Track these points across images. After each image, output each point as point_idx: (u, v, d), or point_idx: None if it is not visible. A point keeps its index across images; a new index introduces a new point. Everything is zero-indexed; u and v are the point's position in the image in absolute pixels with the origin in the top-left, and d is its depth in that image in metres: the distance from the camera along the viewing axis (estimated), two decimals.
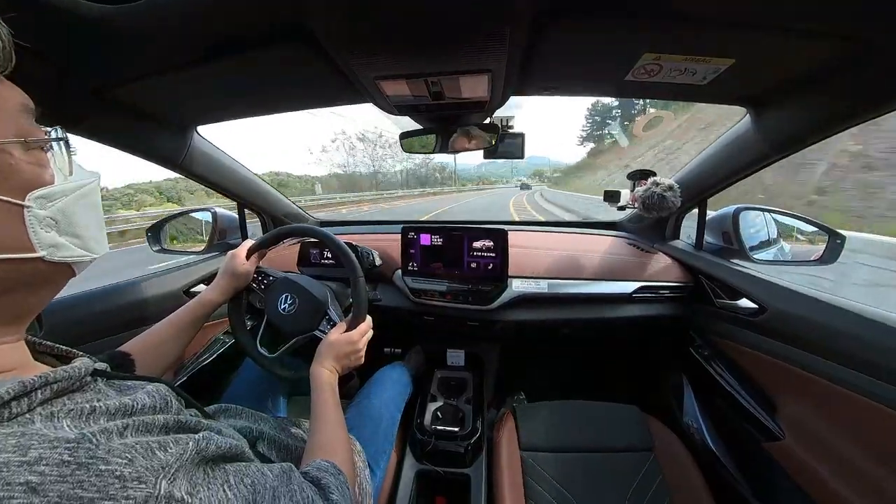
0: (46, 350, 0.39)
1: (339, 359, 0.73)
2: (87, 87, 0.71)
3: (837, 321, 0.73)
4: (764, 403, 0.91)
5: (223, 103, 0.92)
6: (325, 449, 0.55)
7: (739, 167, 0.96)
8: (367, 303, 0.81)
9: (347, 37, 0.57)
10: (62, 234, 0.33)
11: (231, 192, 1.28)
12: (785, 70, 0.68)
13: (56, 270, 0.33)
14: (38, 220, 0.30)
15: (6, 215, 0.29)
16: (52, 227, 0.32)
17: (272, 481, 0.36)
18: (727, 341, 1.03)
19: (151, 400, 0.34)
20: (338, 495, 0.43)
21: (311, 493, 0.40)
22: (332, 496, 0.42)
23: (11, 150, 0.29)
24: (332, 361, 0.72)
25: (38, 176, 0.31)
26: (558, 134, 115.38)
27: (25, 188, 0.30)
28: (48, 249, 0.31)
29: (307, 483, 0.42)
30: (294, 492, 0.38)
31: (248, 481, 0.33)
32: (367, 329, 0.80)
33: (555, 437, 1.02)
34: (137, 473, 0.25)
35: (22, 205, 0.30)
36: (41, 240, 0.31)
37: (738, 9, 0.52)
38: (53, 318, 0.83)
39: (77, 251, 0.34)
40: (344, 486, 0.46)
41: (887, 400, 0.64)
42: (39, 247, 0.31)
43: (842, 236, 0.94)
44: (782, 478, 0.84)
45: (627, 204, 1.21)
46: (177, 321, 0.74)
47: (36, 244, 0.30)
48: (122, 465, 0.25)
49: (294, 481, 0.39)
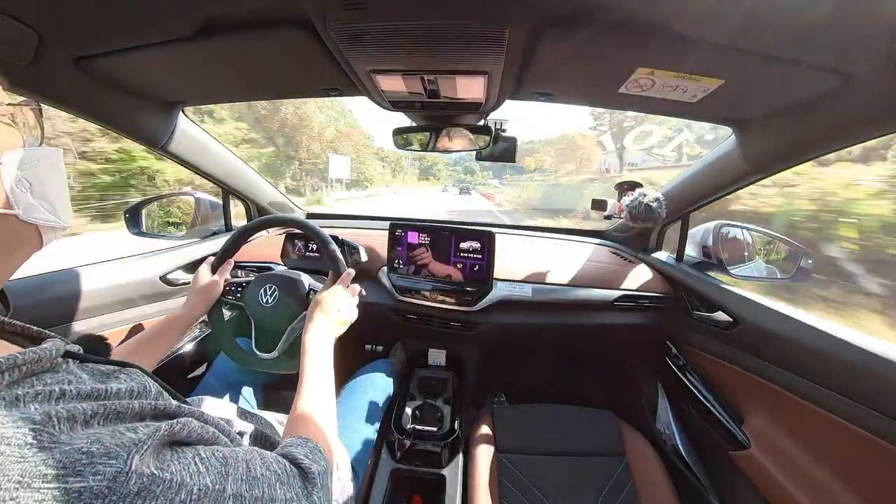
0: (16, 330, 0.37)
1: (328, 314, 0.72)
2: (67, 57, 0.68)
3: (806, 338, 0.76)
4: (733, 413, 0.94)
5: (213, 85, 0.89)
6: (299, 421, 0.54)
7: (722, 185, 0.99)
8: (342, 259, 0.81)
9: (343, 26, 0.56)
10: (35, 197, 0.34)
11: (216, 178, 1.25)
12: (771, 94, 0.70)
13: (28, 232, 0.35)
14: (16, 180, 0.32)
15: None
16: (26, 188, 0.33)
17: (244, 454, 0.35)
18: (702, 352, 1.06)
19: (128, 385, 0.33)
20: (308, 461, 0.42)
21: (285, 462, 0.40)
22: (303, 462, 0.42)
23: None
24: (322, 320, 0.71)
25: (10, 140, 0.33)
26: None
27: (1, 149, 0.32)
28: (24, 207, 0.33)
29: (280, 456, 0.41)
30: (269, 463, 0.37)
31: (219, 454, 0.32)
32: (349, 277, 0.80)
33: (531, 439, 1.03)
34: (106, 450, 0.24)
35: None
36: (17, 197, 0.32)
37: (730, 33, 0.53)
38: (22, 300, 0.79)
39: (48, 215, 0.35)
40: (315, 452, 0.46)
41: (847, 415, 0.67)
42: (15, 204, 0.32)
43: (814, 256, 0.99)
44: (747, 486, 0.87)
45: (614, 213, 1.23)
46: (149, 336, 0.75)
47: (13, 201, 0.32)
48: (90, 444, 0.24)
49: (267, 455, 0.39)
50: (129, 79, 0.81)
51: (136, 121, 0.94)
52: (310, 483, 0.40)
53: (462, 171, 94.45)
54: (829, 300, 2.68)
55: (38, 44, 0.61)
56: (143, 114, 0.93)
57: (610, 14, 0.54)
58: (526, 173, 50.02)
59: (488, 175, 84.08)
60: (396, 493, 0.98)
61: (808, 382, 0.75)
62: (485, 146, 1.01)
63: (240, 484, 0.32)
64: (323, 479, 0.43)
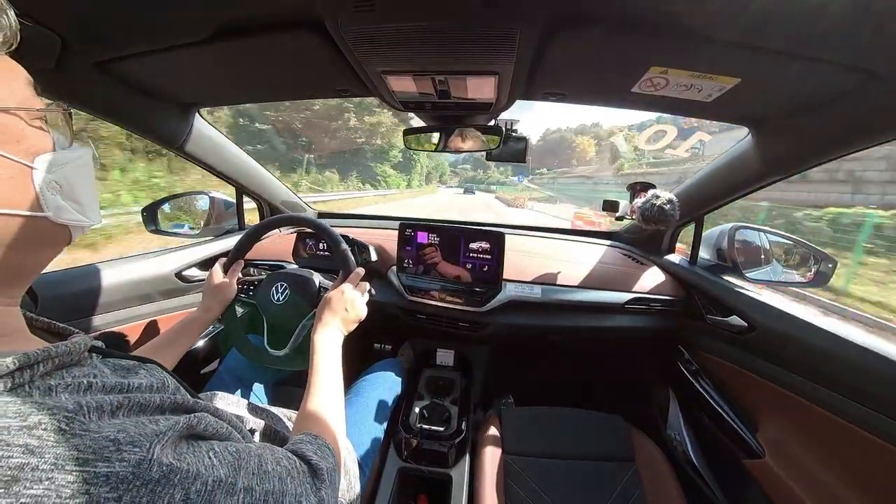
0: (43, 326, 0.39)
1: (337, 312, 0.74)
2: (88, 61, 0.70)
3: (825, 344, 0.74)
4: (747, 421, 0.92)
5: (227, 86, 0.91)
6: (308, 418, 0.56)
7: (738, 186, 0.96)
8: (352, 258, 0.82)
9: (355, 28, 0.57)
10: (65, 198, 0.35)
11: (230, 178, 1.27)
12: (788, 93, 0.69)
13: (58, 232, 0.36)
14: (46, 183, 0.33)
15: (19, 175, 0.32)
16: (56, 190, 0.34)
17: (256, 450, 0.37)
18: (715, 357, 1.03)
19: (148, 380, 0.35)
20: (317, 458, 0.43)
21: (294, 458, 0.41)
22: (312, 459, 0.43)
23: (22, 117, 0.32)
24: (331, 318, 0.72)
25: (42, 143, 0.34)
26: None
27: (33, 153, 0.33)
28: (54, 210, 0.34)
29: (289, 452, 0.42)
30: (280, 459, 0.38)
31: (231, 449, 0.34)
32: (358, 276, 0.81)
33: (539, 442, 1.02)
34: (131, 438, 0.26)
35: (31, 167, 0.32)
36: (48, 201, 0.33)
37: (745, 30, 0.52)
38: (46, 294, 0.82)
39: (77, 216, 0.36)
40: (324, 449, 0.47)
41: (868, 425, 0.65)
42: (46, 207, 0.33)
43: (833, 260, 0.96)
44: (760, 496, 0.85)
45: (626, 214, 1.22)
46: (167, 338, 0.77)
47: (44, 204, 0.33)
48: (117, 432, 0.26)
49: (277, 451, 0.40)
50: (147, 81, 0.83)
51: (153, 122, 0.96)
52: (318, 479, 0.41)
53: (471, 167, 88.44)
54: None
55: (61, 48, 0.63)
56: (161, 115, 0.96)
57: (621, 13, 0.53)
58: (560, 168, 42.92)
59: (508, 171, 76.23)
60: (403, 492, 0.98)
61: (826, 391, 0.72)
62: (495, 146, 1.01)
63: (251, 478, 0.33)
64: (331, 476, 0.44)
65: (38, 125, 0.34)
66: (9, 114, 0.31)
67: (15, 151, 0.31)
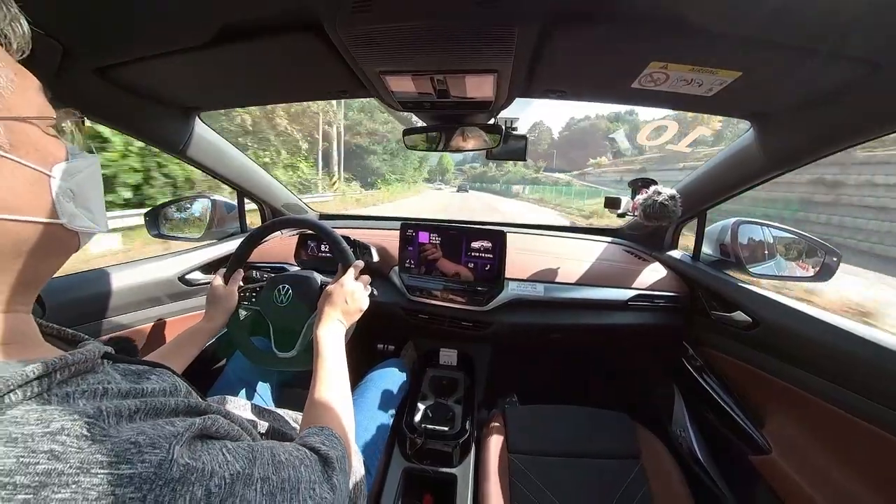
0: (53, 332, 0.40)
1: (338, 305, 0.74)
2: (89, 67, 0.71)
3: (830, 338, 0.74)
4: (753, 417, 0.92)
5: (228, 89, 0.92)
6: (315, 410, 0.57)
7: (740, 180, 0.96)
8: (350, 252, 0.83)
9: (353, 29, 0.57)
10: (77, 206, 0.36)
11: (231, 181, 1.28)
12: (790, 86, 0.68)
13: (70, 239, 0.37)
14: (62, 191, 0.34)
15: (38, 183, 0.32)
16: (70, 198, 0.35)
17: (267, 444, 0.37)
18: (720, 353, 1.03)
19: (161, 384, 0.36)
20: (326, 448, 0.44)
21: (304, 449, 0.42)
22: (321, 449, 0.44)
23: (39, 126, 0.33)
24: (332, 311, 0.73)
25: (58, 152, 0.35)
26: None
27: (51, 162, 0.34)
28: (68, 217, 0.35)
29: (299, 445, 0.43)
30: (290, 451, 0.39)
31: (244, 445, 0.34)
32: (357, 269, 0.81)
33: (543, 440, 1.02)
34: (151, 441, 0.27)
35: (50, 175, 0.33)
36: (63, 208, 0.34)
37: (746, 24, 0.52)
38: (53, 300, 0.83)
39: (88, 223, 0.37)
40: (332, 438, 0.48)
41: (876, 420, 0.64)
42: (62, 214, 0.34)
43: (838, 254, 0.95)
44: (767, 492, 0.84)
45: (627, 211, 1.21)
46: (172, 348, 0.79)
47: (59, 211, 0.34)
48: (136, 435, 0.27)
49: (287, 445, 0.41)
50: (148, 86, 0.84)
51: (155, 127, 0.96)
52: (329, 467, 0.43)
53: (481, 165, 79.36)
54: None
55: (62, 55, 0.63)
56: (162, 120, 0.96)
57: (620, 9, 0.53)
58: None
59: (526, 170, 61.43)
60: (408, 492, 0.98)
61: (833, 385, 0.72)
62: (495, 145, 1.01)
63: (267, 468, 0.34)
64: (341, 464, 0.45)
65: (53, 133, 0.35)
66: (27, 123, 0.32)
67: (34, 160, 0.32)
